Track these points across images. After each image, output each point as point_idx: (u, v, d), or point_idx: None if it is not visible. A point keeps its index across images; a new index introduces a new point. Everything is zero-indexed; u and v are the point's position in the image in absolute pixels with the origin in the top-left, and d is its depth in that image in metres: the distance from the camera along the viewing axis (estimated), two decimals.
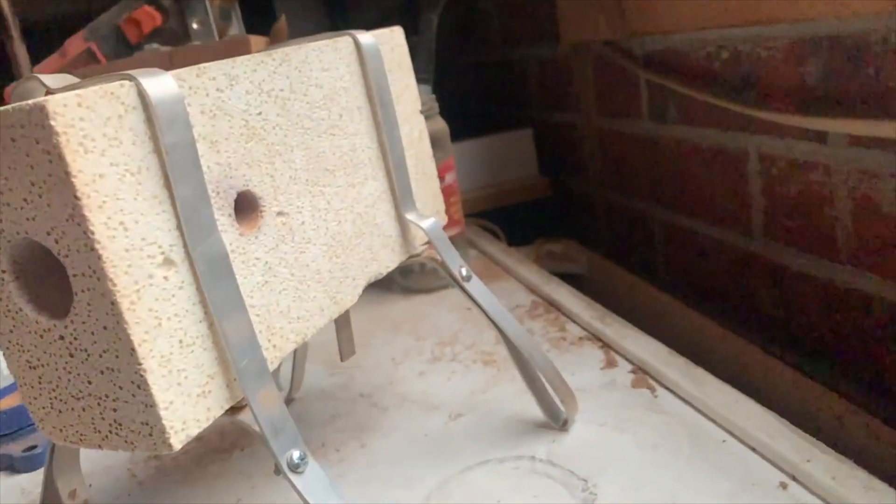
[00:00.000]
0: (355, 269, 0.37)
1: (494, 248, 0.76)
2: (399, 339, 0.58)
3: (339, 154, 0.36)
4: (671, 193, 0.73)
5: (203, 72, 0.28)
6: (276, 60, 0.32)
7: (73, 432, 0.28)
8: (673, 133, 0.71)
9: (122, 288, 0.24)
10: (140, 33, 0.69)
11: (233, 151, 0.29)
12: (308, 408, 0.49)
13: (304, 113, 0.34)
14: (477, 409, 0.45)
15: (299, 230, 0.33)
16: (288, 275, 0.32)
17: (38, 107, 0.22)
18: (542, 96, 1.01)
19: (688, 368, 0.44)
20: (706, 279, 0.70)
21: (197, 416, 0.27)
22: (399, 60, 0.42)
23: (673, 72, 0.68)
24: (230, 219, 0.29)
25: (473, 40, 1.23)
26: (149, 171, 0.25)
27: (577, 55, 0.87)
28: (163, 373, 0.25)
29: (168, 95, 0.26)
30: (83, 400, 0.27)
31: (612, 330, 0.51)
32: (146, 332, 0.25)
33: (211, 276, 0.27)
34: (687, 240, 0.72)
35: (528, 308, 0.60)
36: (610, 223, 0.88)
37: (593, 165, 0.90)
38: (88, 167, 0.23)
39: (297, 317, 0.32)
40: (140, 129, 0.25)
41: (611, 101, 0.82)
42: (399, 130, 0.40)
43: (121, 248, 0.24)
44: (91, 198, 0.23)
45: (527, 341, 0.40)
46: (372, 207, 0.38)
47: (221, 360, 0.28)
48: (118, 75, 0.25)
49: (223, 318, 0.27)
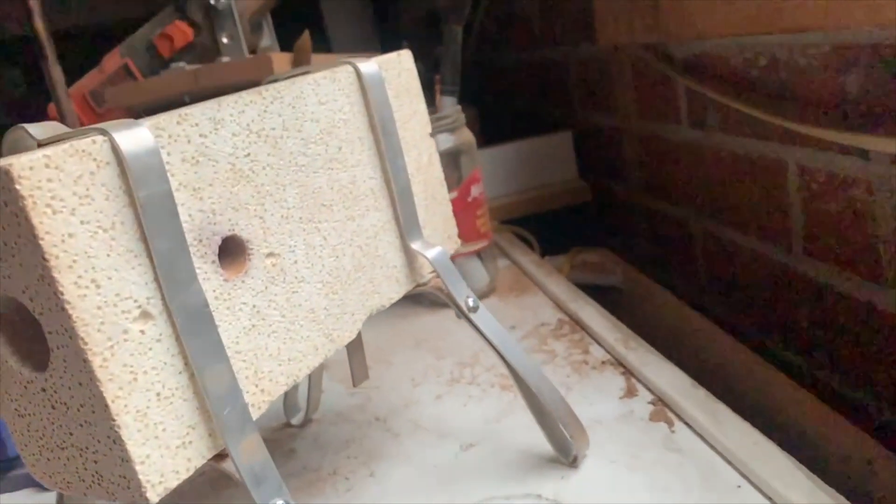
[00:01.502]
0: (354, 304, 0.36)
1: (526, 259, 0.74)
2: (420, 358, 0.57)
3: (337, 188, 0.35)
4: (712, 203, 0.70)
5: (184, 119, 0.28)
6: (266, 99, 0.32)
7: (60, 479, 0.28)
8: (712, 140, 0.68)
9: (94, 346, 0.24)
10: (172, 48, 0.70)
11: (217, 197, 0.29)
12: (324, 430, 0.49)
13: (299, 150, 0.33)
14: (489, 440, 0.44)
15: (291, 270, 0.32)
16: (278, 317, 0.31)
17: (4, 170, 0.22)
18: (583, 97, 0.98)
19: (708, 403, 0.42)
20: (745, 293, 0.67)
21: (176, 467, 0.27)
22: (407, 85, 0.41)
23: (711, 77, 0.65)
24: (213, 265, 0.29)
25: (515, 39, 1.21)
26: (123, 226, 0.25)
27: (615, 56, 0.85)
28: (138, 427, 0.25)
29: (142, 148, 0.26)
30: (67, 450, 0.27)
31: (635, 356, 0.49)
32: (120, 387, 0.25)
33: (190, 328, 0.27)
34: (727, 252, 0.69)
35: (553, 326, 0.58)
36: (650, 231, 0.86)
37: (634, 171, 0.87)
38: (56, 228, 0.23)
39: (287, 359, 0.32)
40: (114, 184, 0.25)
41: (650, 105, 0.79)
42: (404, 159, 0.39)
43: (92, 305, 0.24)
44: (60, 258, 0.23)
45: (536, 376, 0.39)
46: (374, 239, 0.38)
47: (203, 409, 0.28)
48: (94, 129, 0.25)
49: (203, 369, 0.27)
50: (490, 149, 0.98)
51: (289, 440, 0.49)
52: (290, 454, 0.47)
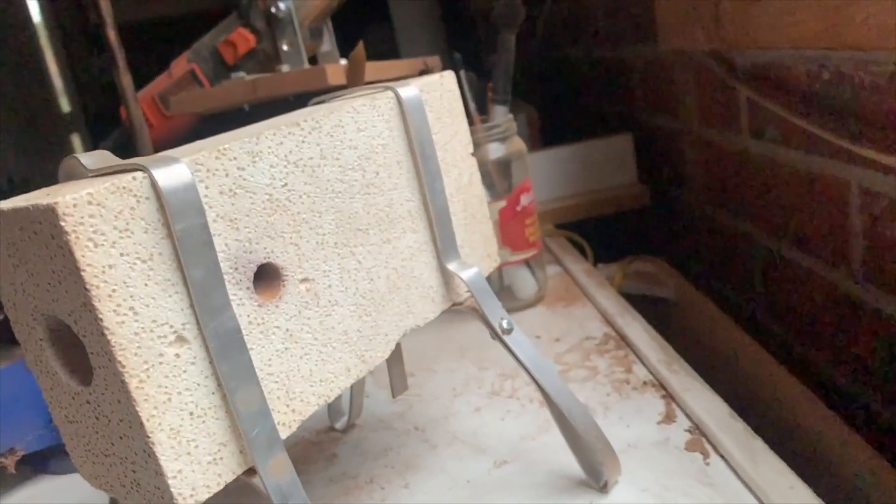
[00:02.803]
0: (388, 324, 0.37)
1: (578, 267, 0.74)
2: (462, 368, 0.58)
3: (373, 212, 0.36)
4: (772, 217, 0.68)
5: (223, 153, 0.29)
6: (304, 129, 0.33)
7: (104, 482, 0.30)
8: (772, 153, 0.66)
9: (131, 368, 0.26)
10: (236, 55, 0.72)
11: (254, 227, 0.30)
12: (365, 437, 0.51)
13: (336, 177, 0.34)
14: (522, 458, 0.44)
15: (325, 294, 0.33)
16: (311, 339, 0.33)
17: (50, 207, 0.24)
18: (647, 98, 0.96)
19: (746, 437, 0.41)
20: (801, 314, 0.65)
21: (207, 482, 0.28)
22: (449, 107, 0.42)
23: (773, 88, 0.63)
24: (248, 291, 0.30)
25: (580, 36, 1.19)
26: (161, 256, 0.27)
27: (678, 59, 0.83)
28: (171, 444, 0.27)
29: (180, 184, 0.27)
30: (109, 458, 0.29)
31: (677, 379, 0.49)
32: (155, 407, 0.27)
33: (222, 351, 0.28)
34: (785, 269, 0.67)
35: (598, 341, 0.58)
36: (709, 241, 0.84)
37: (694, 178, 0.85)
38: (97, 260, 0.25)
39: (319, 380, 0.33)
40: (152, 218, 0.27)
41: (712, 111, 0.77)
42: (442, 181, 0.40)
43: (130, 331, 0.26)
44: (100, 288, 0.25)
45: (568, 401, 0.39)
46: (410, 260, 0.38)
47: (234, 428, 0.29)
48: (135, 165, 0.27)
49: (234, 391, 0.29)
50: (549, 150, 0.98)
51: (331, 444, 0.51)
52: (332, 459, 0.49)
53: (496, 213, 0.64)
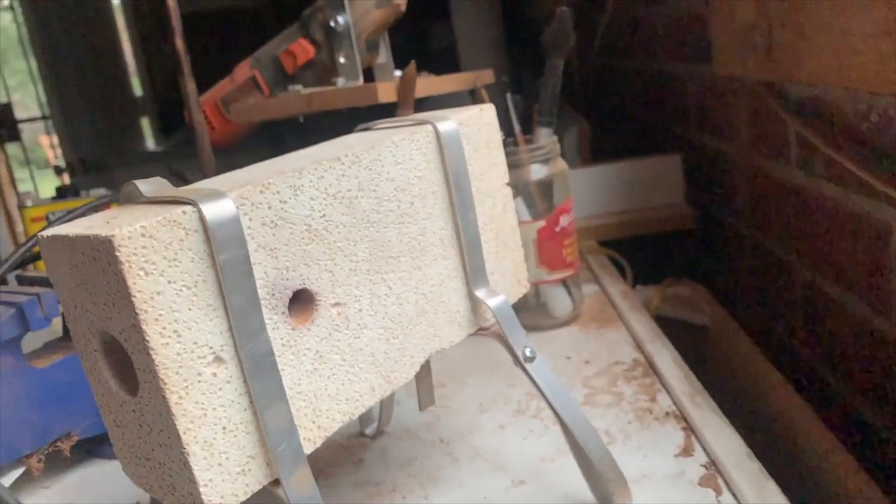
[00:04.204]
0: (414, 347, 0.39)
1: (615, 289, 0.75)
2: (492, 383, 0.59)
3: (405, 240, 0.38)
4: (815, 251, 0.68)
5: (267, 187, 0.32)
6: (344, 164, 0.35)
7: (144, 482, 0.33)
8: (819, 186, 0.65)
9: (172, 386, 0.28)
10: (295, 64, 0.75)
11: (291, 255, 0.33)
12: (392, 445, 0.53)
13: (372, 207, 0.36)
14: (539, 479, 0.46)
15: (355, 318, 0.36)
16: (339, 360, 0.35)
17: (108, 239, 0.27)
18: (698, 118, 0.96)
19: (760, 478, 0.42)
20: (840, 351, 0.65)
21: (235, 491, 0.31)
22: (487, 138, 0.44)
23: (822, 123, 0.62)
24: (283, 316, 0.32)
25: (636, 49, 1.19)
26: (205, 284, 0.29)
27: (732, 84, 0.82)
28: (205, 455, 0.30)
29: (225, 217, 0.29)
30: (150, 461, 0.32)
31: (699, 413, 0.49)
32: (191, 421, 0.29)
33: (256, 372, 0.31)
34: (825, 305, 0.67)
35: (627, 366, 0.59)
36: (752, 267, 0.83)
37: (740, 203, 0.85)
38: (147, 287, 0.28)
39: (345, 399, 0.35)
40: (198, 249, 0.29)
41: (762, 139, 0.77)
42: (475, 211, 0.42)
43: (173, 352, 0.28)
44: (148, 312, 0.28)
45: (584, 430, 0.41)
46: (439, 286, 0.40)
47: (262, 442, 0.32)
48: (185, 199, 0.29)
49: (265, 408, 0.31)
50: (597, 166, 0.98)
51: (360, 450, 0.53)
52: (359, 464, 0.51)
53: (534, 233, 0.65)
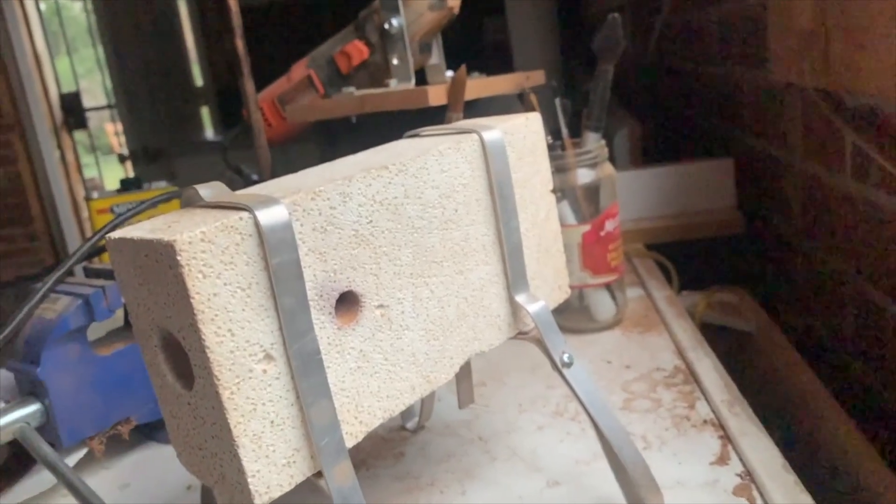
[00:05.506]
0: (454, 349, 0.40)
1: (660, 294, 0.75)
2: (531, 384, 0.60)
3: (449, 246, 0.40)
4: (867, 262, 0.67)
5: (318, 195, 0.33)
6: (391, 172, 0.37)
7: (197, 470, 0.35)
8: (873, 196, 0.64)
9: (225, 381, 0.30)
10: (350, 65, 0.77)
11: (339, 259, 0.34)
12: (431, 440, 0.54)
13: (417, 214, 0.38)
14: (574, 482, 0.47)
15: (398, 319, 0.37)
16: (382, 360, 0.36)
17: (170, 244, 0.29)
18: (753, 122, 0.95)
19: (795, 491, 0.42)
20: (891, 366, 0.64)
21: (281, 482, 0.33)
22: (532, 147, 0.44)
23: (878, 132, 0.61)
24: (330, 316, 0.34)
25: (692, 50, 1.17)
26: (258, 286, 0.31)
27: (788, 90, 0.81)
28: (253, 447, 0.31)
29: (279, 223, 0.31)
30: (203, 451, 0.34)
31: (736, 422, 0.50)
32: (242, 415, 0.31)
33: (303, 369, 0.32)
34: (876, 317, 0.65)
35: (667, 373, 0.59)
36: (801, 277, 0.82)
37: (792, 210, 0.83)
38: (205, 289, 0.29)
39: (386, 396, 0.37)
40: (253, 252, 0.31)
41: (817, 146, 0.75)
42: (517, 218, 0.43)
43: (227, 350, 0.30)
44: (205, 312, 0.30)
45: (619, 437, 0.41)
46: (480, 290, 0.42)
47: (307, 436, 0.33)
48: (241, 204, 0.31)
49: (310, 404, 0.33)
50: (647, 169, 0.98)
51: (400, 443, 0.55)
52: (399, 457, 0.53)
53: (579, 237, 0.66)
